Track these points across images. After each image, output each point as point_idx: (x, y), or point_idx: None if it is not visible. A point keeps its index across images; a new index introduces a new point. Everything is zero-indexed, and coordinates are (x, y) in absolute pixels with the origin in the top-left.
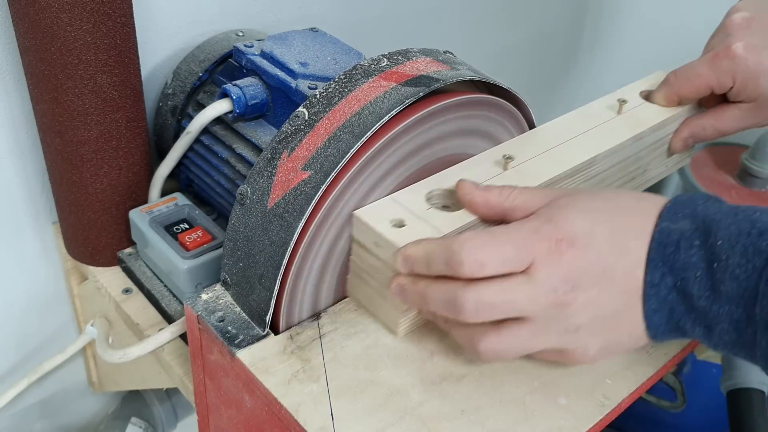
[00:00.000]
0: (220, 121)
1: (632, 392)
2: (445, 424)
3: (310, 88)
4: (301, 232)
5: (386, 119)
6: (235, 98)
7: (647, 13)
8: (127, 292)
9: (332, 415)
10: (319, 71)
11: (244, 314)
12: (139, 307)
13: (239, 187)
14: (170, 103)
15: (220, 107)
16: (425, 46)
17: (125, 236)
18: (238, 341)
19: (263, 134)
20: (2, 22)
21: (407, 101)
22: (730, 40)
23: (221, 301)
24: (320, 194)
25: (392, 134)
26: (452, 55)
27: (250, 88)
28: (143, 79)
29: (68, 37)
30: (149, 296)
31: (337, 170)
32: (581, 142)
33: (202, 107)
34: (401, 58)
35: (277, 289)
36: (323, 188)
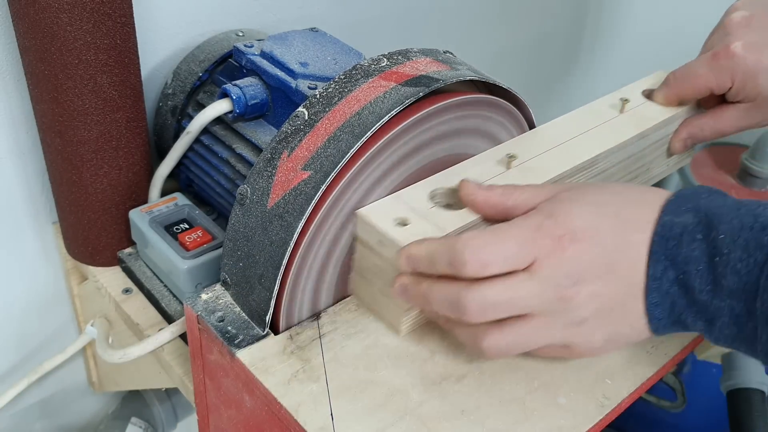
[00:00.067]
0: (220, 121)
1: (632, 392)
2: (445, 423)
3: (310, 88)
4: (301, 232)
5: (386, 119)
6: (235, 98)
7: (647, 13)
8: (127, 292)
9: (332, 415)
10: (319, 71)
11: (243, 314)
12: (139, 307)
13: (239, 187)
14: (170, 103)
15: (220, 107)
16: (425, 46)
17: (125, 236)
18: (238, 341)
19: (263, 134)
20: (2, 22)
21: (407, 101)
22: (729, 39)
23: (221, 301)
24: (320, 194)
25: (392, 134)
26: (452, 55)
27: (250, 88)
28: (143, 79)
29: (68, 37)
30: (149, 296)
31: (337, 170)
32: (584, 140)
33: (202, 107)
34: (401, 58)
35: (277, 289)
36: (323, 188)
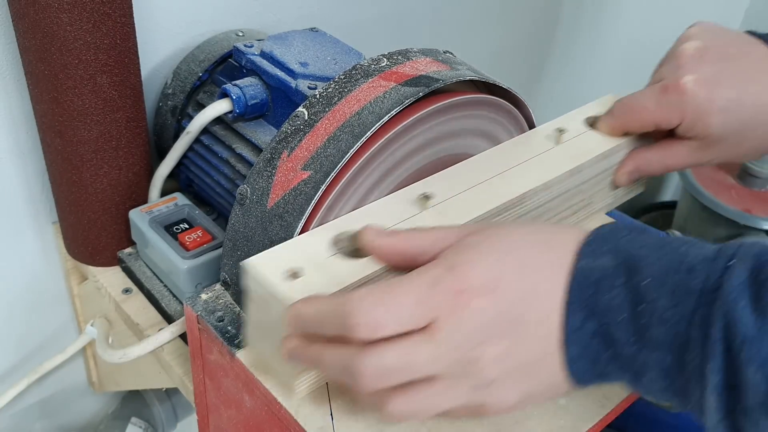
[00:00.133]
0: (220, 121)
1: (632, 392)
2: (444, 424)
3: (309, 88)
4: (300, 232)
5: (386, 119)
6: (234, 98)
7: (647, 13)
8: (127, 292)
9: (332, 415)
10: (319, 71)
11: (244, 314)
12: (139, 307)
13: (239, 187)
14: (170, 103)
15: (220, 107)
16: (425, 46)
17: (125, 236)
18: (237, 341)
19: (263, 134)
20: (2, 22)
21: (407, 101)
22: (680, 72)
23: (221, 301)
24: (320, 194)
25: (392, 134)
26: (452, 55)
27: (250, 88)
28: (143, 79)
29: (68, 37)
30: (149, 296)
31: (336, 170)
32: (511, 176)
33: (202, 107)
34: (401, 58)
35: None
36: (323, 188)
